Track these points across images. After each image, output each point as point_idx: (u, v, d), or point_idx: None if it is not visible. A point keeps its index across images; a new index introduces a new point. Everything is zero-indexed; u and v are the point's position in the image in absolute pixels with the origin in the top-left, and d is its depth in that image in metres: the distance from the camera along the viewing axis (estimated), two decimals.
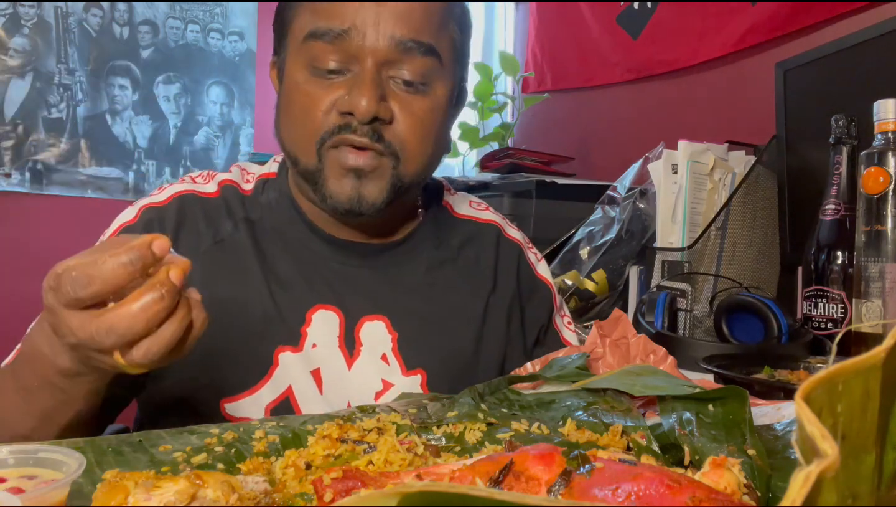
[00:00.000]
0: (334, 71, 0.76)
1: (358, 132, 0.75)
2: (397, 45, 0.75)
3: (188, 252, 0.79)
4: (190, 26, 2.50)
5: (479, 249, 0.93)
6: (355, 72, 0.76)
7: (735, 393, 0.55)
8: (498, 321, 0.90)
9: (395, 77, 0.77)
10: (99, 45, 2.36)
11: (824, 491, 0.21)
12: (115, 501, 0.39)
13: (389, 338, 0.83)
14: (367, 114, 0.74)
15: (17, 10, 2.23)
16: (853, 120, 1.03)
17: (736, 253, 1.25)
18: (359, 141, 0.76)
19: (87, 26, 2.34)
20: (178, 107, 2.49)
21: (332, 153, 0.77)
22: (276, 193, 0.87)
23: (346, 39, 0.75)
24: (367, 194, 0.77)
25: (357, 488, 0.40)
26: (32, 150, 2.26)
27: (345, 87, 0.76)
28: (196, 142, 2.52)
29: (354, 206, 0.77)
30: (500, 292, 0.92)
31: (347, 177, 0.77)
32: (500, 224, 0.97)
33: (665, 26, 1.90)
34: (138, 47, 2.42)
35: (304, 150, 0.78)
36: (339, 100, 0.76)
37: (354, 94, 0.74)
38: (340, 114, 0.76)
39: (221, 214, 0.84)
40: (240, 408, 0.77)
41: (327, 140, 0.76)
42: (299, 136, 0.78)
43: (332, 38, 0.75)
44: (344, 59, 0.76)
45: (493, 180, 1.89)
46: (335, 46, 0.75)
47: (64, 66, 2.31)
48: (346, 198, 0.77)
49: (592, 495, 0.36)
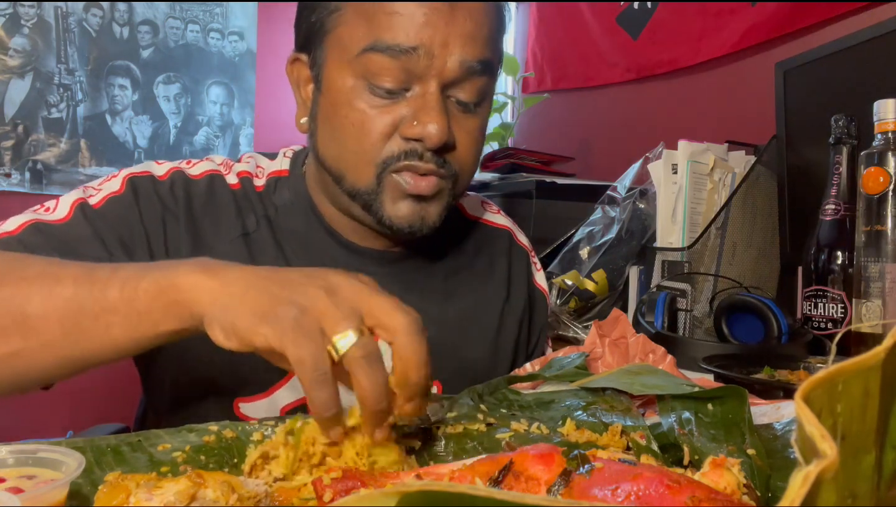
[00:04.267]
0: (393, 91, 0.72)
1: (424, 159, 0.73)
2: (464, 68, 0.72)
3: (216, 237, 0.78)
4: (190, 26, 2.50)
5: (492, 255, 0.93)
6: (417, 92, 0.72)
7: (734, 393, 0.55)
8: (511, 331, 0.90)
9: (452, 97, 0.74)
10: (99, 45, 2.35)
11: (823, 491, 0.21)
12: (116, 501, 0.39)
13: None
14: (440, 142, 0.72)
15: (17, 10, 2.23)
16: (853, 120, 1.03)
17: (736, 253, 1.25)
18: (426, 168, 0.73)
19: (87, 26, 2.34)
20: (178, 107, 2.49)
21: (394, 178, 0.74)
22: (290, 193, 0.84)
23: (412, 58, 0.70)
24: (428, 217, 0.76)
25: (357, 488, 0.40)
26: (32, 150, 2.26)
27: (406, 108, 0.73)
28: (196, 142, 2.52)
29: (416, 229, 0.76)
30: (513, 301, 0.92)
31: (408, 200, 0.75)
32: (511, 229, 0.97)
33: (665, 26, 1.89)
34: (138, 47, 2.42)
35: (360, 171, 0.75)
36: (403, 124, 0.73)
37: (423, 119, 0.71)
38: (405, 139, 0.73)
39: (244, 207, 0.81)
40: (255, 409, 0.76)
41: (390, 165, 0.74)
42: (354, 156, 0.75)
43: (396, 55, 0.71)
44: (406, 77, 0.72)
45: (493, 180, 1.89)
46: (398, 63, 0.71)
47: (64, 66, 2.31)
48: (408, 222, 0.76)
49: (592, 495, 0.35)
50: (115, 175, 0.78)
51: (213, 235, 0.79)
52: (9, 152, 2.24)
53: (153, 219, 0.76)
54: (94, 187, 0.77)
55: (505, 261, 0.93)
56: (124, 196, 0.76)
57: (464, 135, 0.76)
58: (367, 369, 0.46)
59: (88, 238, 0.72)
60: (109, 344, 0.54)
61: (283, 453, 0.48)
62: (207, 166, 0.82)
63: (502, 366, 0.88)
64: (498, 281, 0.92)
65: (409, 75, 0.72)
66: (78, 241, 0.72)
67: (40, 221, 0.72)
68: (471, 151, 0.78)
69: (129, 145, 2.42)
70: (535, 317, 0.95)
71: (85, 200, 0.75)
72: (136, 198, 0.76)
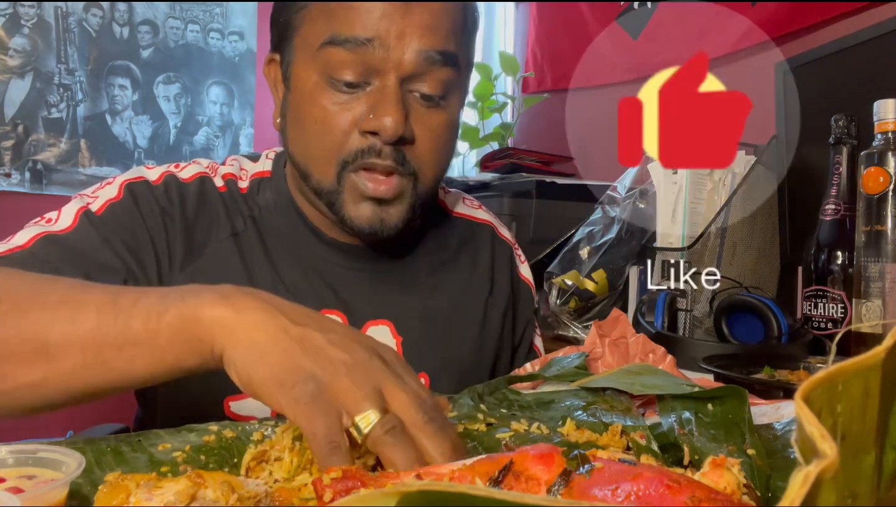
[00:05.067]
0: (353, 84, 0.73)
1: (382, 155, 0.73)
2: (422, 59, 0.72)
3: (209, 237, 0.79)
4: (190, 26, 2.50)
5: (475, 249, 0.93)
6: (376, 86, 0.73)
7: (734, 393, 0.55)
8: (495, 324, 0.91)
9: (414, 91, 0.74)
10: (99, 45, 2.35)
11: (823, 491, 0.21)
12: (116, 501, 0.39)
13: (394, 342, 0.83)
14: (395, 135, 0.71)
15: (17, 10, 2.23)
16: (853, 120, 1.03)
17: (736, 253, 1.25)
18: (383, 165, 0.73)
19: (87, 26, 2.34)
20: (178, 107, 2.49)
21: (353, 178, 0.74)
22: (273, 193, 0.85)
23: (369, 50, 0.71)
24: (389, 219, 0.76)
25: (357, 488, 0.40)
26: (32, 150, 2.26)
27: (365, 102, 0.73)
28: (196, 142, 2.52)
29: (376, 230, 0.76)
30: (497, 294, 0.92)
31: (368, 202, 0.75)
32: (493, 224, 0.97)
33: (665, 26, 1.89)
34: (138, 47, 2.42)
35: (321, 168, 0.76)
36: (361, 118, 0.73)
37: (379, 112, 0.71)
38: (362, 133, 0.73)
39: (232, 209, 0.82)
40: (244, 407, 0.77)
41: (350, 163, 0.74)
42: (316, 153, 0.75)
43: (353, 48, 0.71)
44: (364, 70, 0.72)
45: (493, 180, 1.88)
46: (356, 56, 0.71)
47: (64, 66, 2.31)
48: (368, 223, 0.76)
49: (592, 495, 0.35)
50: (109, 182, 0.79)
51: (206, 236, 0.79)
52: (9, 152, 2.24)
53: (154, 223, 0.77)
54: (89, 195, 0.77)
55: (488, 255, 0.94)
56: (124, 202, 0.77)
57: (425, 131, 0.75)
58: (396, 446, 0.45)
59: (97, 244, 0.73)
60: (131, 376, 0.52)
61: (289, 457, 0.48)
62: (196, 169, 0.83)
63: (487, 359, 0.89)
64: (481, 275, 0.92)
65: (367, 69, 0.72)
66: (88, 247, 0.72)
67: (49, 233, 0.72)
68: (432, 147, 0.76)
69: (129, 145, 2.42)
70: (519, 309, 0.95)
71: (87, 208, 0.75)
72: (136, 203, 0.77)
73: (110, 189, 0.78)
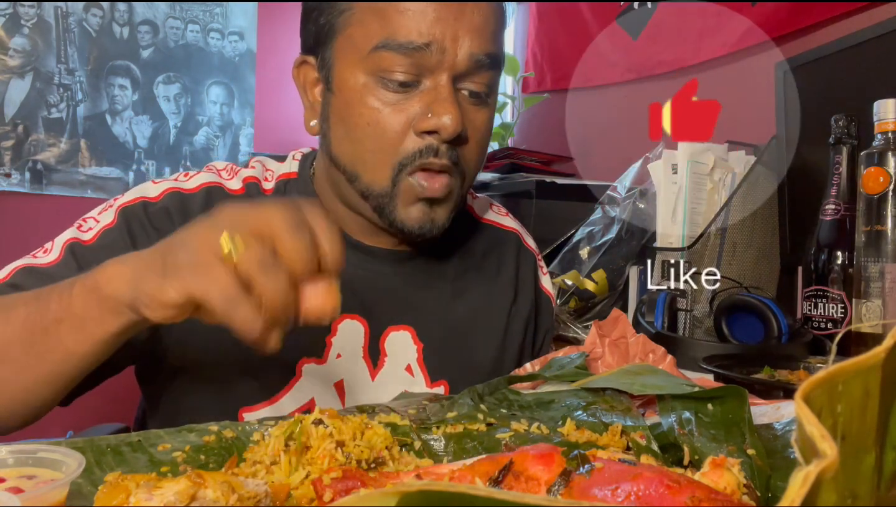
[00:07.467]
0: (405, 83, 0.73)
1: (439, 154, 0.73)
2: (473, 60, 0.73)
3: None
4: (190, 26, 2.50)
5: (500, 257, 0.93)
6: (428, 86, 0.73)
7: (734, 393, 0.55)
8: (517, 333, 0.90)
9: (463, 89, 0.75)
10: (99, 45, 2.35)
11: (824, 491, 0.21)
12: (116, 501, 0.39)
13: (415, 348, 0.82)
14: (454, 133, 0.72)
15: (17, 10, 2.23)
16: (853, 120, 1.03)
17: (736, 253, 1.25)
18: (440, 164, 0.73)
19: (87, 26, 2.34)
20: (178, 107, 2.49)
21: (409, 181, 0.74)
22: (299, 195, 0.83)
23: (425, 53, 0.71)
24: (438, 219, 0.77)
25: (357, 488, 0.40)
26: (32, 150, 2.26)
27: (419, 102, 0.73)
28: (196, 142, 2.52)
29: (426, 231, 0.76)
30: (520, 303, 0.92)
31: (420, 203, 0.75)
32: (520, 232, 0.97)
33: (665, 26, 1.90)
34: (138, 47, 2.42)
35: (374, 171, 0.75)
36: (416, 118, 0.73)
37: (438, 111, 0.72)
38: (419, 134, 0.73)
39: None
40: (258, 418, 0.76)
41: (407, 166, 0.74)
42: (369, 155, 0.75)
43: (409, 52, 0.71)
44: (417, 71, 0.72)
45: (493, 180, 1.88)
46: (410, 59, 0.72)
47: (64, 66, 2.31)
48: (419, 224, 0.76)
49: (592, 495, 0.35)
50: (110, 205, 0.79)
51: None
52: (9, 152, 2.24)
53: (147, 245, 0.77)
54: (94, 218, 0.78)
55: (513, 263, 0.93)
56: (116, 228, 0.77)
57: (473, 129, 0.76)
58: (265, 275, 0.48)
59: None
60: (67, 353, 0.57)
61: (285, 459, 0.48)
62: (205, 178, 0.81)
63: (507, 368, 0.88)
64: (506, 283, 0.91)
65: (420, 69, 0.72)
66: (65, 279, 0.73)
67: (31, 265, 0.74)
68: (480, 146, 0.78)
69: (129, 145, 2.42)
70: (540, 320, 0.95)
71: (76, 240, 0.75)
72: (129, 228, 0.77)
73: (108, 214, 0.78)
